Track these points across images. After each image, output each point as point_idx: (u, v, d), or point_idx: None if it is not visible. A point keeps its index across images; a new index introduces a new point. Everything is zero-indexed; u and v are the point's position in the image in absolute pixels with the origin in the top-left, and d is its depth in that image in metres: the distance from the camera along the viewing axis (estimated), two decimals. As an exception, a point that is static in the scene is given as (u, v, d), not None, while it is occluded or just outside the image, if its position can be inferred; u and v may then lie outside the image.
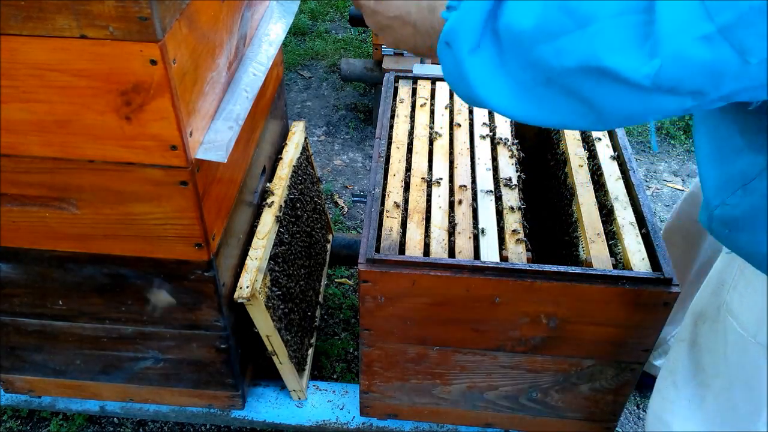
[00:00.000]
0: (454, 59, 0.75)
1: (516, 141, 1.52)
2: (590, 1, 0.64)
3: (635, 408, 2.04)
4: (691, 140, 3.12)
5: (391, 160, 1.44)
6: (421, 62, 2.82)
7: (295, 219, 1.72)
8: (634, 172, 1.39)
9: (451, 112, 1.59)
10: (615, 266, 1.22)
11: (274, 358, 1.54)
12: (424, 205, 1.34)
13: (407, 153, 1.47)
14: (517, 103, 0.75)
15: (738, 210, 0.90)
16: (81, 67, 0.96)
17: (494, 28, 0.72)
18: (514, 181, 1.39)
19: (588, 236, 1.28)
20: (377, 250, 1.23)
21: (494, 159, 1.47)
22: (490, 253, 1.23)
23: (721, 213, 0.93)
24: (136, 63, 0.94)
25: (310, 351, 1.79)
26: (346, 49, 3.88)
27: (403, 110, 1.59)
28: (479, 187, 1.38)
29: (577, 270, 1.18)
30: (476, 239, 1.27)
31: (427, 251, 1.24)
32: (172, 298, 1.32)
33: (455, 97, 1.64)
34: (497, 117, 1.58)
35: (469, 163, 1.45)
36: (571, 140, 1.51)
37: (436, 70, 2.41)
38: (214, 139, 1.14)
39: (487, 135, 1.52)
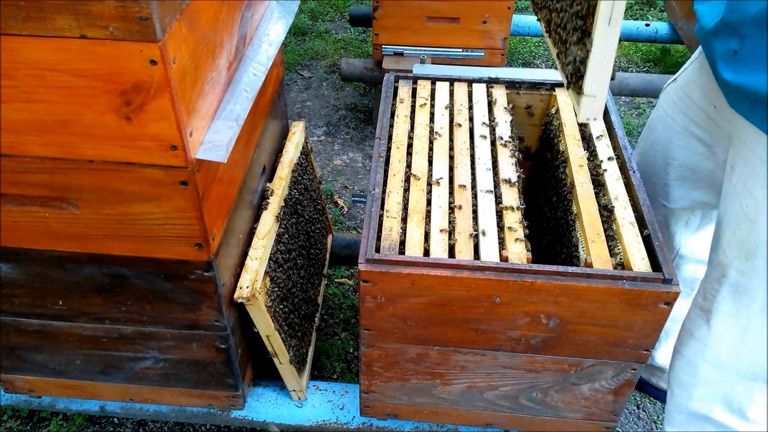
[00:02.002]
0: None
1: (516, 141, 1.52)
2: None
3: (635, 408, 2.04)
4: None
5: (391, 160, 1.44)
6: (421, 62, 2.83)
7: (295, 219, 1.72)
8: (634, 172, 1.39)
9: (451, 112, 1.59)
10: (615, 266, 1.22)
11: (274, 358, 1.54)
12: (424, 205, 1.33)
13: (407, 153, 1.47)
14: None
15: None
16: (81, 67, 0.96)
17: None
18: (514, 181, 1.39)
19: (588, 236, 1.28)
20: (377, 250, 1.23)
21: (494, 159, 1.47)
22: (490, 253, 1.23)
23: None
24: (136, 63, 0.94)
25: (310, 351, 1.79)
26: (346, 49, 3.88)
27: (403, 110, 1.59)
28: (479, 187, 1.38)
29: (577, 270, 1.18)
30: (476, 239, 1.27)
31: (427, 251, 1.24)
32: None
33: (455, 96, 1.64)
34: (497, 117, 1.58)
35: (469, 163, 1.45)
36: (571, 140, 1.51)
37: (435, 70, 2.41)
38: (214, 139, 1.14)
39: (487, 135, 1.52)
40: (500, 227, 1.30)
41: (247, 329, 1.48)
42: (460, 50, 2.84)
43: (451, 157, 1.46)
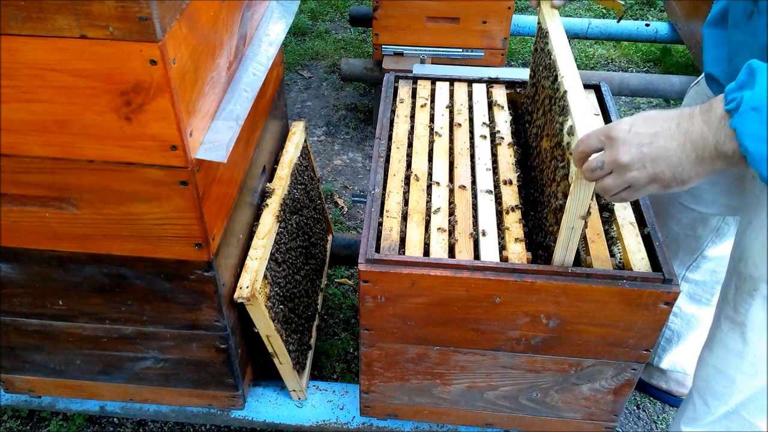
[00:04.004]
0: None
1: (516, 141, 1.52)
2: None
3: (635, 408, 2.04)
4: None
5: (391, 160, 1.44)
6: (421, 62, 2.83)
7: (295, 219, 1.72)
8: (634, 172, 1.39)
9: (451, 112, 1.59)
10: (615, 266, 1.22)
11: (274, 358, 1.54)
12: (424, 205, 1.33)
13: (407, 153, 1.47)
14: None
15: None
16: (81, 67, 0.96)
17: None
18: (514, 181, 1.39)
19: (588, 236, 1.28)
20: (377, 250, 1.23)
21: (494, 159, 1.47)
22: (489, 253, 1.23)
23: None
24: (136, 63, 0.94)
25: (310, 351, 1.79)
26: (346, 49, 3.88)
27: (403, 110, 1.59)
28: (479, 187, 1.38)
29: (577, 270, 1.18)
30: (476, 239, 1.27)
31: (427, 251, 1.24)
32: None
33: (455, 96, 1.64)
34: (497, 117, 1.58)
35: (469, 163, 1.45)
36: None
37: (435, 70, 2.41)
38: (214, 139, 1.14)
39: (486, 135, 1.52)
40: (500, 227, 1.30)
41: (247, 329, 1.48)
42: (460, 50, 2.84)
43: (451, 162, 1.46)
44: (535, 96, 1.46)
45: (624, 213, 1.31)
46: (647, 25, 3.43)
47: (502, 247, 1.25)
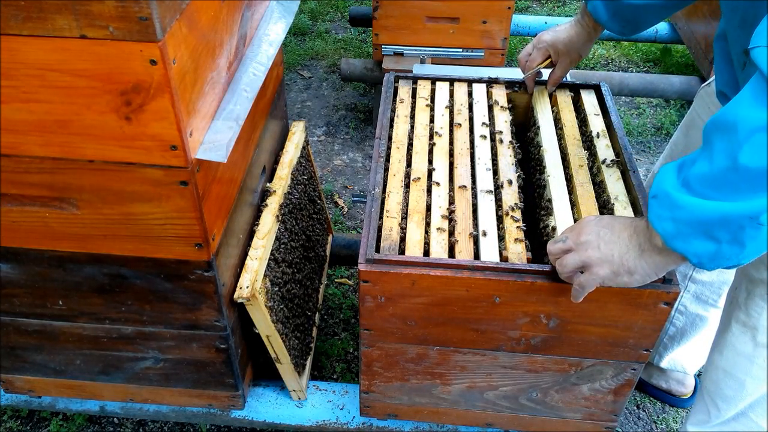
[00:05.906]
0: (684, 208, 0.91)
1: (515, 141, 1.52)
2: None
3: (635, 408, 2.04)
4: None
5: (391, 160, 1.44)
6: (421, 62, 2.83)
7: (295, 219, 1.72)
8: (634, 172, 1.39)
9: (451, 112, 1.59)
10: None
11: (274, 358, 1.54)
12: (424, 205, 1.33)
13: (407, 153, 1.47)
14: None
15: None
16: (81, 67, 0.96)
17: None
18: (514, 181, 1.40)
19: (588, 236, 1.28)
20: (377, 250, 1.23)
21: (494, 159, 1.47)
22: (489, 253, 1.23)
23: None
24: (136, 63, 0.94)
25: (310, 351, 1.79)
26: (346, 49, 3.89)
27: (403, 110, 1.59)
28: (479, 187, 1.38)
29: (577, 270, 1.18)
30: (476, 239, 1.27)
31: (427, 251, 1.24)
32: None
33: (455, 96, 1.64)
34: (497, 117, 1.58)
35: (469, 163, 1.45)
36: (571, 140, 1.51)
37: (435, 70, 2.41)
38: (214, 139, 1.14)
39: (486, 135, 1.52)
40: (500, 227, 1.30)
41: (247, 329, 1.48)
42: (460, 50, 2.84)
43: (451, 162, 1.46)
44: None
45: (624, 213, 1.31)
46: (647, 25, 3.42)
47: (502, 247, 1.25)
